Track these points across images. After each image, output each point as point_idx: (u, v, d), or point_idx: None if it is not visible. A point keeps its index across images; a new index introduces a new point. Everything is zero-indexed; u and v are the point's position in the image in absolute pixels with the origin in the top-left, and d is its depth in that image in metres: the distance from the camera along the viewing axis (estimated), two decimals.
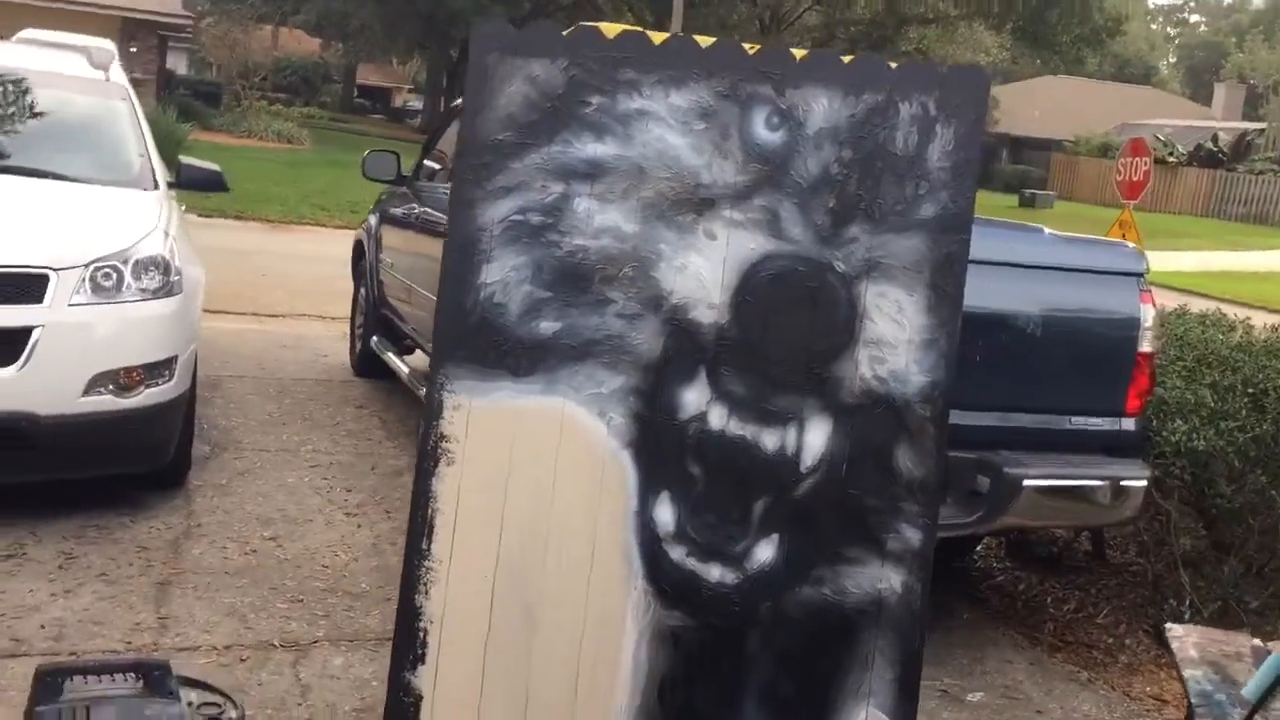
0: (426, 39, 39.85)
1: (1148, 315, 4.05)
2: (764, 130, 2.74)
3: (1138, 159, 11.72)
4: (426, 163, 6.82)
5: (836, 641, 2.72)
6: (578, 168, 2.74)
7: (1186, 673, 1.80)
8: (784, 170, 2.73)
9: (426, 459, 2.74)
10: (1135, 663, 4.20)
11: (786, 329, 2.71)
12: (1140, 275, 4.09)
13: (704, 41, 2.78)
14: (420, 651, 2.70)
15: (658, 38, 2.78)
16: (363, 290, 7.59)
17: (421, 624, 2.72)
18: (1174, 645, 1.86)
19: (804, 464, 2.71)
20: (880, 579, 2.71)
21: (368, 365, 7.37)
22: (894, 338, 2.71)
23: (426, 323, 6.10)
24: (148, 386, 4.49)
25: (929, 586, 2.71)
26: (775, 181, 2.73)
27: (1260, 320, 5.57)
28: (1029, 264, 3.94)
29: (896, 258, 2.72)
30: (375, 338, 7.00)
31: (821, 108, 2.74)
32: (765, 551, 2.72)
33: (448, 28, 35.07)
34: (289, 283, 10.92)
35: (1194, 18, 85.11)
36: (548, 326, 2.73)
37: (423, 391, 5.75)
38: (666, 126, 2.74)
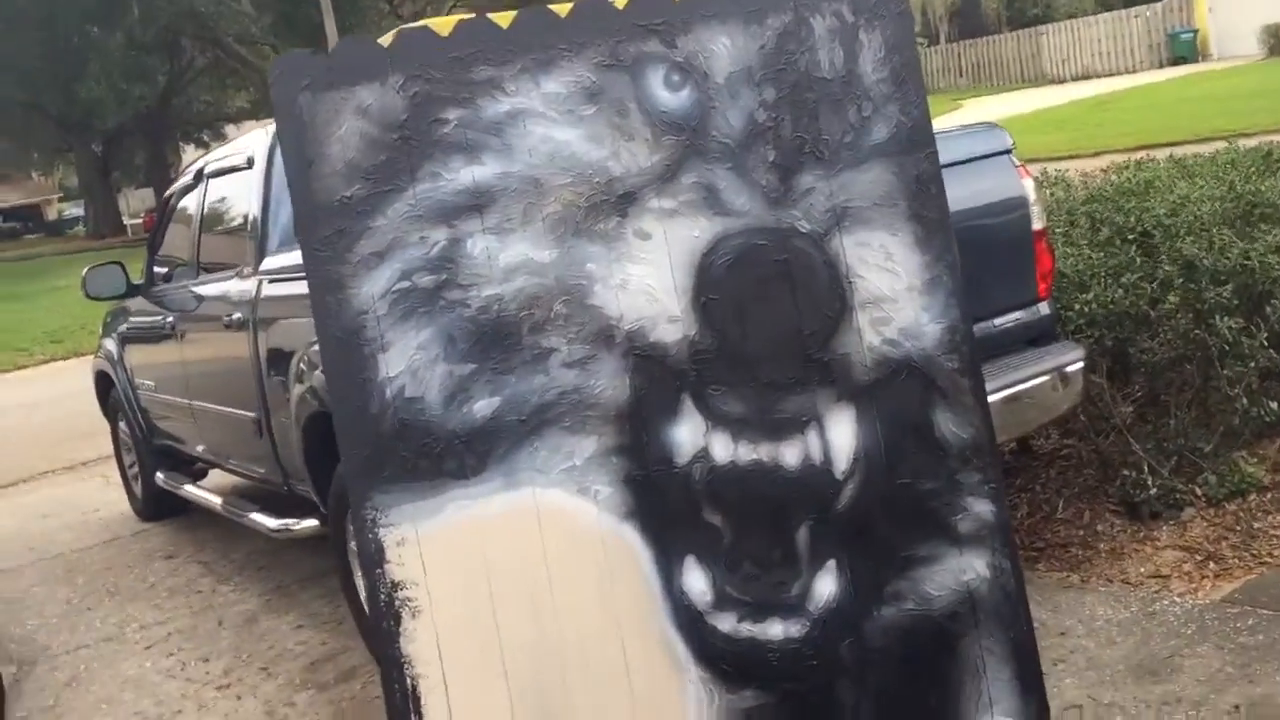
0: (64, 141, 36.94)
1: (1030, 189, 3.78)
2: (666, 93, 2.22)
3: None
4: (157, 268, 5.95)
5: (937, 657, 2.27)
6: (458, 202, 2.15)
7: None
8: (704, 134, 2.22)
9: (384, 618, 2.10)
10: (1117, 547, 3.96)
11: (768, 318, 2.22)
12: (1010, 151, 3.82)
13: (561, 9, 2.23)
14: None
15: (504, 19, 2.21)
16: (123, 425, 6.59)
17: None
18: None
19: (838, 469, 2.23)
20: (963, 570, 2.27)
21: (157, 506, 6.40)
22: (891, 289, 2.27)
23: (218, 437, 5.29)
24: None
25: (1019, 560, 2.30)
26: (699, 149, 2.22)
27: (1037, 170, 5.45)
28: None
29: (865, 197, 2.27)
30: (160, 474, 6.06)
31: (724, 48, 2.24)
32: (825, 585, 2.23)
33: (86, 120, 32.40)
34: (8, 441, 9.50)
35: None
36: (484, 406, 2.15)
37: (247, 518, 4.95)
38: (549, 122, 2.19)
